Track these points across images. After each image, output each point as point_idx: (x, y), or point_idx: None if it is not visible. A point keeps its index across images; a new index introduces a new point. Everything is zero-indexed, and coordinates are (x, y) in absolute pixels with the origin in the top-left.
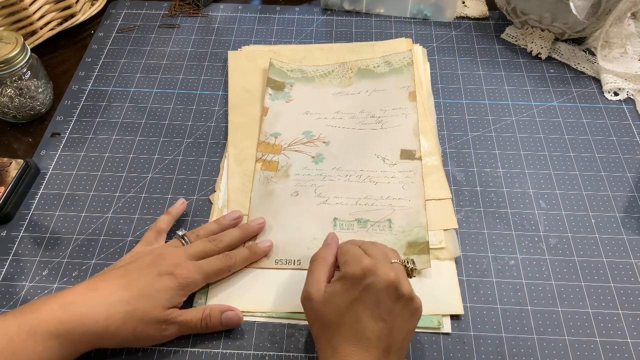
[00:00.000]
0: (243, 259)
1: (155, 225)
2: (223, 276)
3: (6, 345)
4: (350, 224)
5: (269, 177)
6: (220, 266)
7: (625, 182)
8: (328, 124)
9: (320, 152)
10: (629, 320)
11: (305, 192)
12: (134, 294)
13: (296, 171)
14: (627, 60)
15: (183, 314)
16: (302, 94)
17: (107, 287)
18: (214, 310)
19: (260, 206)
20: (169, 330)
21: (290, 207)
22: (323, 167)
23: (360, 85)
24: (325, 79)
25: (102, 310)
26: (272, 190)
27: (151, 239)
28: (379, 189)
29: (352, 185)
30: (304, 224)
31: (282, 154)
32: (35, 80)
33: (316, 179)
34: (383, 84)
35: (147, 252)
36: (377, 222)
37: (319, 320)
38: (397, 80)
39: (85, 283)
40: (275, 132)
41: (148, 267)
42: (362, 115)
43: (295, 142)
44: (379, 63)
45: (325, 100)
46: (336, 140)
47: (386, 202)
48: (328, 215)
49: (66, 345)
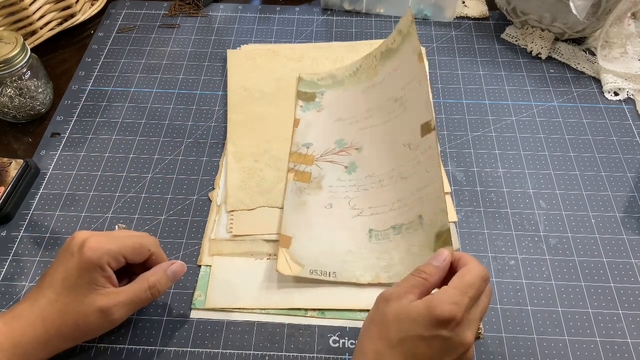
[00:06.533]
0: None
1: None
2: (142, 251)
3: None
4: (385, 234)
5: (302, 188)
6: (138, 239)
7: (625, 182)
8: (360, 127)
9: (353, 161)
10: (629, 320)
11: (339, 205)
12: (57, 289)
13: (329, 182)
14: (627, 60)
15: (121, 291)
16: (333, 101)
17: (39, 291)
18: (156, 273)
19: (292, 217)
20: (116, 313)
21: (323, 220)
22: (356, 176)
23: (385, 69)
24: (354, 77)
25: (37, 315)
26: (305, 202)
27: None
28: (409, 184)
29: (386, 190)
30: (338, 238)
31: (314, 165)
32: (35, 80)
33: (350, 190)
34: (400, 58)
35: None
36: (410, 222)
37: (382, 325)
38: (409, 47)
39: (29, 294)
40: (307, 142)
41: (62, 253)
42: (388, 103)
43: (327, 152)
44: (394, 37)
45: (356, 100)
46: (368, 143)
47: (416, 196)
48: (363, 227)
49: (15, 359)
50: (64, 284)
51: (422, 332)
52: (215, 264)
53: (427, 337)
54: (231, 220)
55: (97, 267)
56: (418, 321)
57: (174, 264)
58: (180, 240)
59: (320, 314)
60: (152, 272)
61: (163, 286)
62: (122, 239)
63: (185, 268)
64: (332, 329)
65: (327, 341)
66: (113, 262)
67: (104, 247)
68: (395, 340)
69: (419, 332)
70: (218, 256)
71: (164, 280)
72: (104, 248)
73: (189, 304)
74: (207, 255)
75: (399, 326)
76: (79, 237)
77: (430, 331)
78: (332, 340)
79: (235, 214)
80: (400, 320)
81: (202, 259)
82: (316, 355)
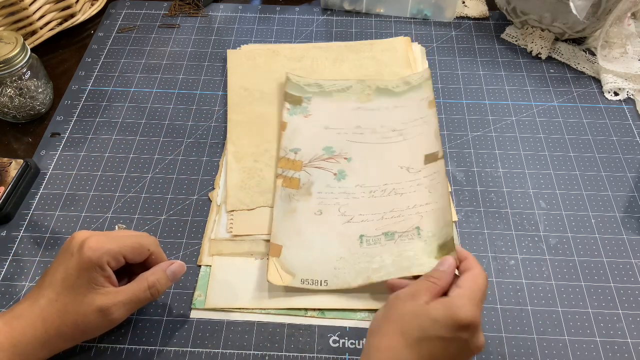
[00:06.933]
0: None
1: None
2: (141, 250)
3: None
4: (377, 239)
5: (291, 195)
6: (137, 238)
7: (625, 182)
8: (349, 139)
9: (342, 169)
10: (629, 320)
11: (329, 211)
12: (57, 289)
13: (319, 189)
14: (627, 60)
15: (121, 291)
16: (321, 109)
17: (39, 291)
18: (156, 273)
19: (282, 224)
20: (115, 312)
21: (314, 227)
22: (346, 184)
23: (380, 102)
24: (343, 94)
25: (37, 315)
26: (295, 209)
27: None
28: (405, 199)
29: (377, 201)
30: (329, 244)
31: (302, 170)
32: (35, 80)
33: (340, 197)
34: (402, 101)
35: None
36: (404, 232)
37: (399, 322)
38: (417, 95)
39: (29, 294)
40: (294, 147)
41: (61, 253)
42: (383, 129)
43: (315, 158)
44: (398, 84)
45: (345, 114)
46: (358, 156)
47: (413, 211)
48: (353, 233)
49: (15, 359)
50: (64, 284)
51: (443, 333)
52: (215, 264)
53: (447, 338)
54: (231, 220)
55: (97, 267)
56: (439, 322)
57: (173, 264)
58: (180, 240)
59: (320, 314)
60: (151, 272)
61: (162, 286)
62: (121, 239)
63: (184, 268)
64: (332, 329)
65: (327, 341)
66: (113, 262)
67: (104, 246)
68: (413, 338)
69: (440, 333)
70: (218, 256)
71: (164, 280)
72: (104, 248)
73: (189, 304)
74: (207, 255)
75: (418, 325)
76: (79, 237)
77: (451, 333)
78: (332, 340)
79: (235, 214)
80: (420, 319)
81: (202, 259)
82: (316, 355)
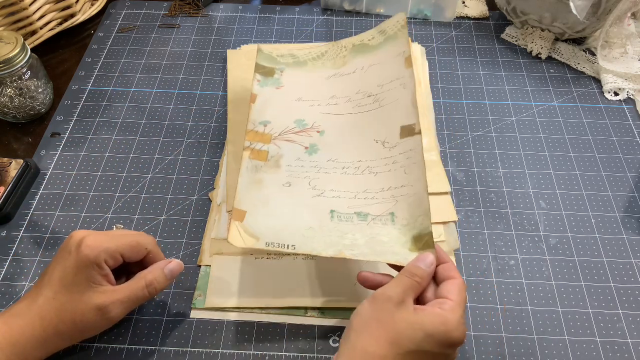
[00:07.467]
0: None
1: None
2: (139, 249)
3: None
4: (348, 217)
5: (258, 167)
6: (135, 237)
7: (625, 182)
8: (322, 111)
9: (314, 143)
10: (629, 320)
11: (298, 184)
12: (55, 287)
13: (288, 162)
14: (627, 60)
15: (119, 289)
16: (294, 80)
17: (37, 290)
18: (153, 271)
19: (248, 194)
20: (113, 311)
21: (282, 197)
22: (317, 158)
23: (356, 62)
24: (318, 61)
25: (35, 314)
26: (262, 179)
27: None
28: (380, 179)
29: (349, 178)
30: (298, 214)
31: (272, 144)
32: (35, 80)
33: (310, 171)
34: (379, 56)
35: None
36: (378, 216)
37: (391, 330)
38: (393, 48)
39: (28, 293)
40: (264, 120)
41: (60, 252)
42: (358, 96)
43: (286, 131)
44: (374, 35)
45: (319, 85)
46: (331, 129)
47: (388, 194)
48: (324, 207)
49: (13, 358)
50: (62, 282)
51: (434, 348)
52: (215, 264)
53: (436, 353)
54: None
55: (95, 265)
56: (434, 337)
57: (171, 262)
58: (180, 240)
59: (320, 314)
60: (149, 270)
61: (160, 284)
62: (119, 237)
63: (182, 266)
64: (332, 329)
65: (327, 341)
66: (110, 260)
67: (101, 245)
68: (405, 350)
69: (431, 348)
70: (218, 256)
71: (161, 278)
72: (102, 246)
73: (189, 304)
74: (207, 255)
75: (411, 337)
76: (77, 235)
77: (441, 349)
78: (332, 340)
79: None
80: (414, 331)
81: (202, 258)
82: (316, 355)
